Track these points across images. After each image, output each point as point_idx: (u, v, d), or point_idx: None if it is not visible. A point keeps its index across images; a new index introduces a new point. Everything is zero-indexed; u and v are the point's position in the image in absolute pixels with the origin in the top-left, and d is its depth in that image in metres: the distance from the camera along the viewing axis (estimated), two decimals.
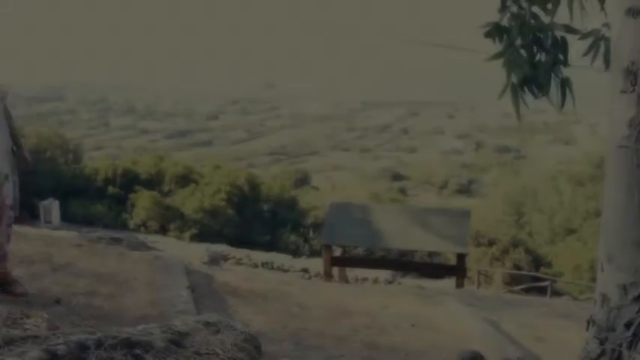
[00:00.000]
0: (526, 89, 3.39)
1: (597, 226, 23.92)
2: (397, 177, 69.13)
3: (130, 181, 30.87)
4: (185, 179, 31.63)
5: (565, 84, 3.38)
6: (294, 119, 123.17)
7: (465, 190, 65.02)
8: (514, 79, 3.35)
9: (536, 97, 3.41)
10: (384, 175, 67.91)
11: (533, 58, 3.32)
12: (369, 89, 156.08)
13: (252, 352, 1.70)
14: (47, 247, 5.27)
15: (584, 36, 3.36)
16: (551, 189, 33.65)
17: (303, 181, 51.39)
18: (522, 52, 3.32)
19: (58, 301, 3.93)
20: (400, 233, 16.07)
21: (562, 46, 3.32)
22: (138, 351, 1.49)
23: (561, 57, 3.33)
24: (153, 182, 31.45)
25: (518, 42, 3.30)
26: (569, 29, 3.29)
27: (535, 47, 3.30)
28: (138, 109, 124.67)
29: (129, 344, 1.51)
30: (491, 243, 25.26)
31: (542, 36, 3.26)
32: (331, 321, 4.95)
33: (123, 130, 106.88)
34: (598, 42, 3.37)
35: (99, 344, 1.47)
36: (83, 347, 1.44)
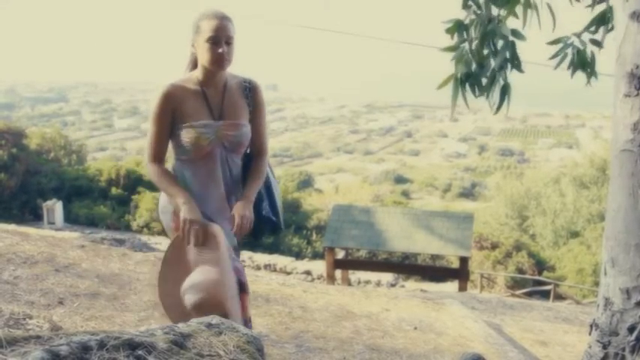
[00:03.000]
0: (468, 86, 3.43)
1: (600, 229, 23.94)
2: (400, 180, 69.16)
3: (133, 183, 30.90)
4: None
5: (505, 89, 3.43)
6: (298, 122, 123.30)
7: (468, 193, 65.05)
8: (458, 73, 3.39)
9: (475, 95, 3.45)
10: (388, 178, 67.95)
11: (482, 58, 3.35)
12: (373, 92, 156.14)
13: (254, 354, 1.69)
14: (50, 248, 5.28)
15: (553, 42, 3.40)
16: (554, 192, 33.60)
17: (306, 183, 51.45)
18: (473, 49, 3.36)
19: (60, 302, 3.93)
20: (403, 236, 16.09)
21: (511, 49, 3.35)
22: (140, 352, 1.49)
23: (509, 61, 3.37)
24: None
25: (473, 39, 3.34)
26: (516, 34, 3.32)
27: (486, 49, 3.34)
28: (141, 111, 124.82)
29: (131, 345, 1.51)
30: (494, 246, 25.25)
31: (493, 37, 3.30)
32: (333, 323, 4.95)
33: (126, 131, 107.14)
34: (566, 48, 3.41)
35: (101, 345, 1.47)
36: (86, 348, 1.44)
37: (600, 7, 3.33)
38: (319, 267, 19.80)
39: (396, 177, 70.28)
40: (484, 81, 3.43)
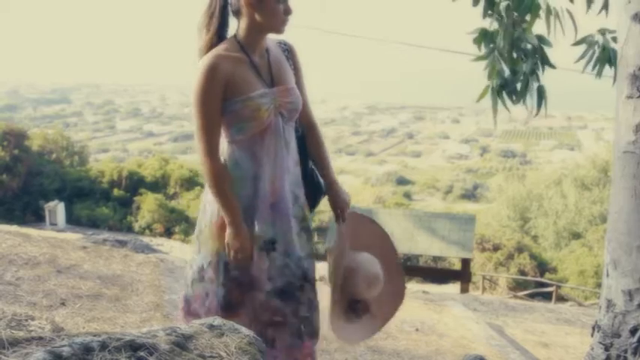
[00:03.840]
0: (505, 94, 3.46)
1: (602, 231, 23.93)
2: (402, 181, 69.12)
3: (135, 184, 30.95)
4: (190, 182, 31.70)
5: (540, 92, 3.45)
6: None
7: (469, 194, 64.97)
8: (494, 83, 3.41)
9: (513, 102, 3.48)
10: (389, 180, 67.88)
11: (514, 64, 3.37)
12: (375, 94, 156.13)
13: (256, 355, 1.69)
14: (52, 249, 5.28)
15: (578, 42, 3.40)
16: (556, 194, 33.57)
17: None
18: (504, 57, 3.38)
19: (63, 303, 3.93)
20: (405, 238, 16.08)
21: (540, 53, 3.37)
22: (142, 353, 1.49)
23: (539, 64, 3.40)
24: (158, 185, 31.53)
25: (501, 48, 3.36)
26: (542, 40, 3.35)
27: (515, 54, 3.36)
28: (143, 112, 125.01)
29: (133, 346, 1.51)
30: (496, 248, 25.23)
31: (521, 43, 3.33)
32: None
33: (128, 132, 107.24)
34: (592, 48, 3.40)
35: (103, 346, 1.47)
36: (88, 349, 1.44)
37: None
38: (321, 268, 19.78)
39: (398, 178, 70.22)
40: (519, 87, 3.44)
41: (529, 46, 3.34)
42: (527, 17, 3.28)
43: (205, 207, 2.71)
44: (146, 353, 1.49)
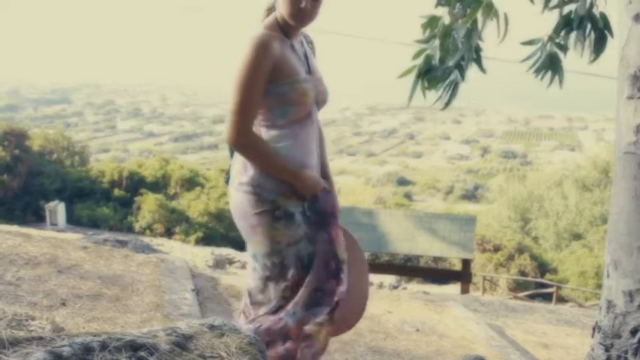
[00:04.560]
0: (426, 80, 3.50)
1: (603, 232, 23.92)
2: (403, 182, 69.19)
3: (135, 184, 30.96)
4: (191, 182, 31.71)
5: (454, 87, 3.51)
6: None
7: (470, 195, 65.00)
8: (420, 66, 3.46)
9: (427, 89, 3.53)
10: (390, 180, 67.94)
11: (446, 52, 3.41)
12: (376, 94, 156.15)
13: (256, 355, 1.69)
14: (53, 249, 5.28)
15: (527, 43, 3.45)
16: (556, 195, 33.57)
17: None
18: (440, 45, 3.42)
19: (63, 303, 3.93)
20: (405, 238, 16.09)
21: (471, 48, 3.41)
22: (142, 353, 1.49)
23: (465, 61, 3.45)
24: (159, 185, 31.54)
25: (440, 35, 3.41)
26: (471, 34, 3.39)
27: (451, 46, 3.40)
28: (144, 112, 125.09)
29: (133, 347, 1.51)
30: (496, 249, 25.23)
31: (452, 36, 3.37)
32: None
33: (129, 132, 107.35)
34: (540, 49, 3.45)
35: (104, 346, 1.47)
36: (88, 349, 1.44)
37: (567, 9, 3.37)
38: None
39: (399, 179, 70.28)
40: (438, 76, 3.50)
41: (461, 41, 3.38)
42: (468, 11, 3.33)
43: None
44: (146, 353, 1.49)
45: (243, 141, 2.40)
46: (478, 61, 3.46)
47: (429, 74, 3.45)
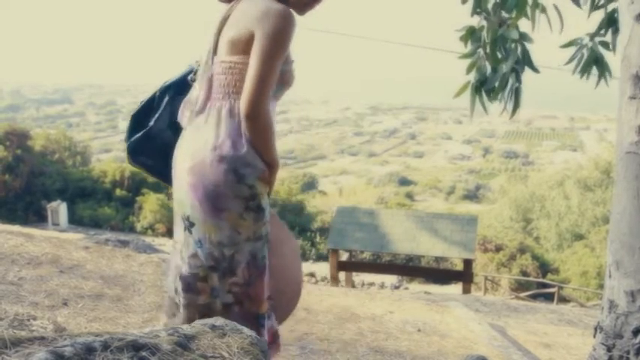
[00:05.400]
0: (483, 92, 3.46)
1: (605, 232, 23.90)
2: (404, 182, 69.17)
3: (137, 184, 30.97)
4: None
5: (517, 93, 3.46)
6: (302, 124, 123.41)
7: (472, 195, 64.99)
8: (474, 80, 3.41)
9: (490, 100, 3.48)
10: (392, 180, 67.97)
11: (496, 63, 3.37)
12: (377, 94, 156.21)
13: (258, 355, 1.69)
14: (54, 249, 5.28)
15: (567, 45, 3.41)
16: (558, 195, 33.56)
17: (310, 185, 51.45)
18: (487, 55, 3.39)
19: (65, 303, 3.93)
20: (407, 238, 16.08)
21: (523, 51, 3.38)
22: (144, 353, 1.49)
23: (521, 64, 3.41)
24: (160, 185, 31.51)
25: (485, 45, 3.38)
26: (524, 37, 3.35)
27: (499, 53, 3.36)
28: None
29: (135, 347, 1.51)
30: (498, 249, 25.23)
31: (504, 42, 3.33)
32: (337, 325, 4.94)
33: None
34: (581, 50, 3.42)
35: (105, 346, 1.47)
36: (90, 349, 1.44)
37: (611, 7, 3.34)
38: (323, 269, 19.81)
39: (400, 179, 70.29)
40: (497, 85, 3.45)
41: (512, 45, 3.35)
42: (513, 14, 3.30)
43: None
44: (148, 353, 1.49)
45: (261, 110, 2.29)
46: (529, 62, 3.42)
47: (486, 86, 3.40)
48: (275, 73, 2.30)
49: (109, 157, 54.15)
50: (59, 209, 26.96)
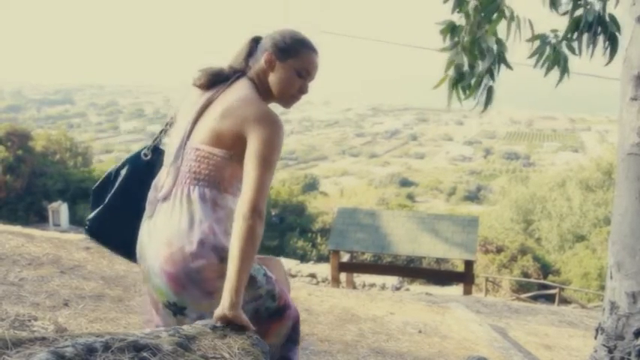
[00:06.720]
0: (460, 88, 3.63)
1: (606, 233, 23.88)
2: (405, 183, 69.17)
3: None
4: None
5: (489, 92, 3.64)
6: (303, 124, 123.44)
7: (473, 196, 64.95)
8: (452, 73, 3.58)
9: (465, 97, 3.68)
10: (393, 181, 67.95)
11: (474, 60, 3.49)
12: (378, 95, 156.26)
13: (259, 356, 1.69)
14: (56, 250, 5.29)
15: (532, 39, 3.49)
16: (559, 196, 33.53)
17: (311, 186, 51.45)
18: (466, 52, 3.52)
19: (66, 304, 3.93)
20: (408, 239, 16.07)
21: (498, 53, 3.52)
22: (145, 354, 1.49)
23: (496, 64, 3.58)
24: None
25: (464, 42, 3.51)
26: (500, 43, 3.54)
27: (477, 51, 3.49)
28: (147, 113, 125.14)
29: (136, 347, 1.51)
30: (499, 250, 25.20)
31: (482, 43, 3.46)
32: (338, 326, 4.94)
33: (132, 133, 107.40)
34: (544, 46, 3.49)
35: (106, 347, 1.47)
36: (91, 350, 1.44)
37: (578, 12, 3.41)
38: (324, 270, 19.78)
39: (401, 180, 70.26)
40: (472, 82, 3.59)
41: (489, 46, 3.47)
42: (492, 19, 3.41)
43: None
44: (149, 354, 1.49)
45: (261, 213, 2.23)
46: (504, 61, 3.57)
47: (463, 82, 3.56)
48: (272, 177, 2.30)
49: (111, 157, 54.18)
50: (60, 210, 26.96)
